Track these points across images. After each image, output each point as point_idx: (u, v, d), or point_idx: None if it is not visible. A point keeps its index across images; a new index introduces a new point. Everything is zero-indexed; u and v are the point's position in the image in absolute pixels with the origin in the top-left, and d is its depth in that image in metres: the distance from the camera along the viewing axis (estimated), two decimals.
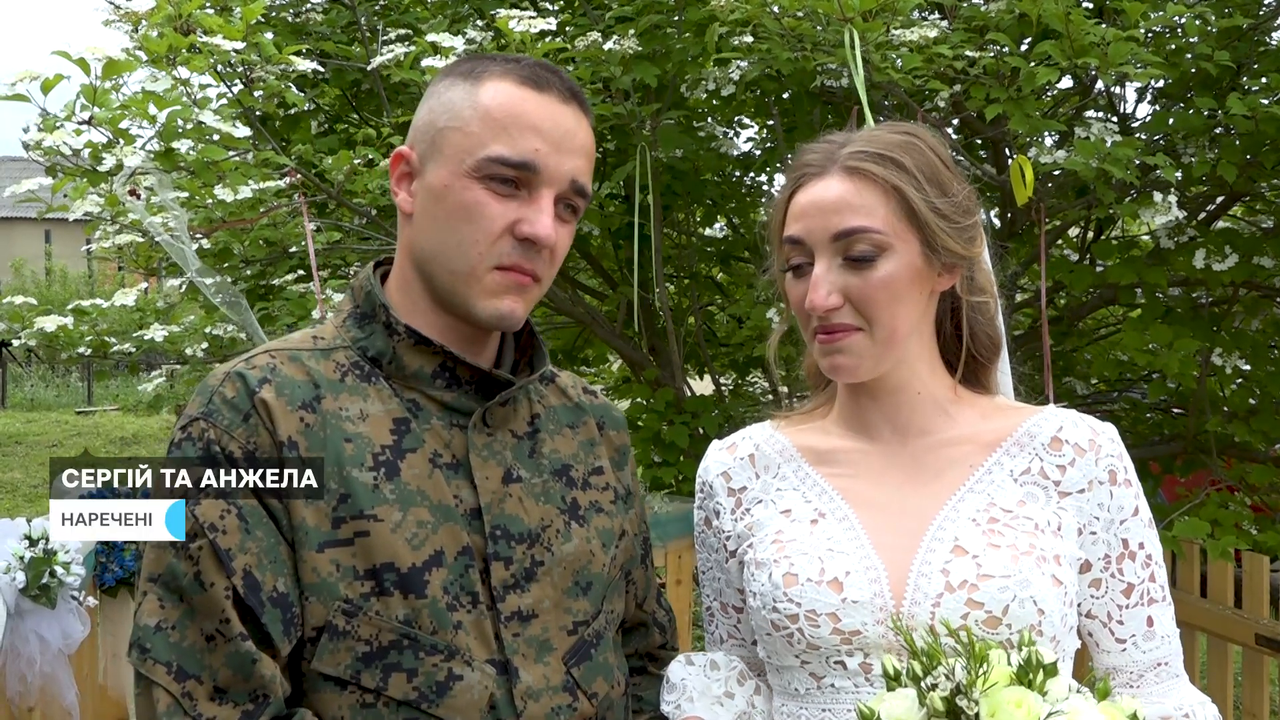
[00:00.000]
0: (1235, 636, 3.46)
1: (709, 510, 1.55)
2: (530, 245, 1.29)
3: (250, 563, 1.21)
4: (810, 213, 1.36)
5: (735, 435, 1.57)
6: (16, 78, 2.52)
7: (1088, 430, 1.42)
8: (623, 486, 1.51)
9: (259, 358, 1.31)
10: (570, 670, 1.34)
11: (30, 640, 2.98)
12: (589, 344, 5.38)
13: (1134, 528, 1.41)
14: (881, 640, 1.32)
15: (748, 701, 1.49)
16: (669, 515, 3.53)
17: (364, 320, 1.36)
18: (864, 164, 1.36)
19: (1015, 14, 3.07)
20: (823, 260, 1.35)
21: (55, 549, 2.96)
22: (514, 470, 1.36)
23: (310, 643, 1.23)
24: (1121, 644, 1.42)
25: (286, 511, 1.23)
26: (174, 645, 1.19)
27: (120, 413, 15.59)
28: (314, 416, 1.27)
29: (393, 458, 1.28)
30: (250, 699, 1.19)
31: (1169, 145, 3.53)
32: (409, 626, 1.24)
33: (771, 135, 4.33)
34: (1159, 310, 3.69)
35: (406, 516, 1.26)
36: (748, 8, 2.92)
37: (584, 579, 1.38)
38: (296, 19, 3.91)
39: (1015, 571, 1.30)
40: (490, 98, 1.30)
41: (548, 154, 1.29)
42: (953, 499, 1.39)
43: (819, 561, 1.35)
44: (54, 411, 15.83)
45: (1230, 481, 3.95)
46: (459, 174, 1.28)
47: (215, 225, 3.40)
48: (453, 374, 1.34)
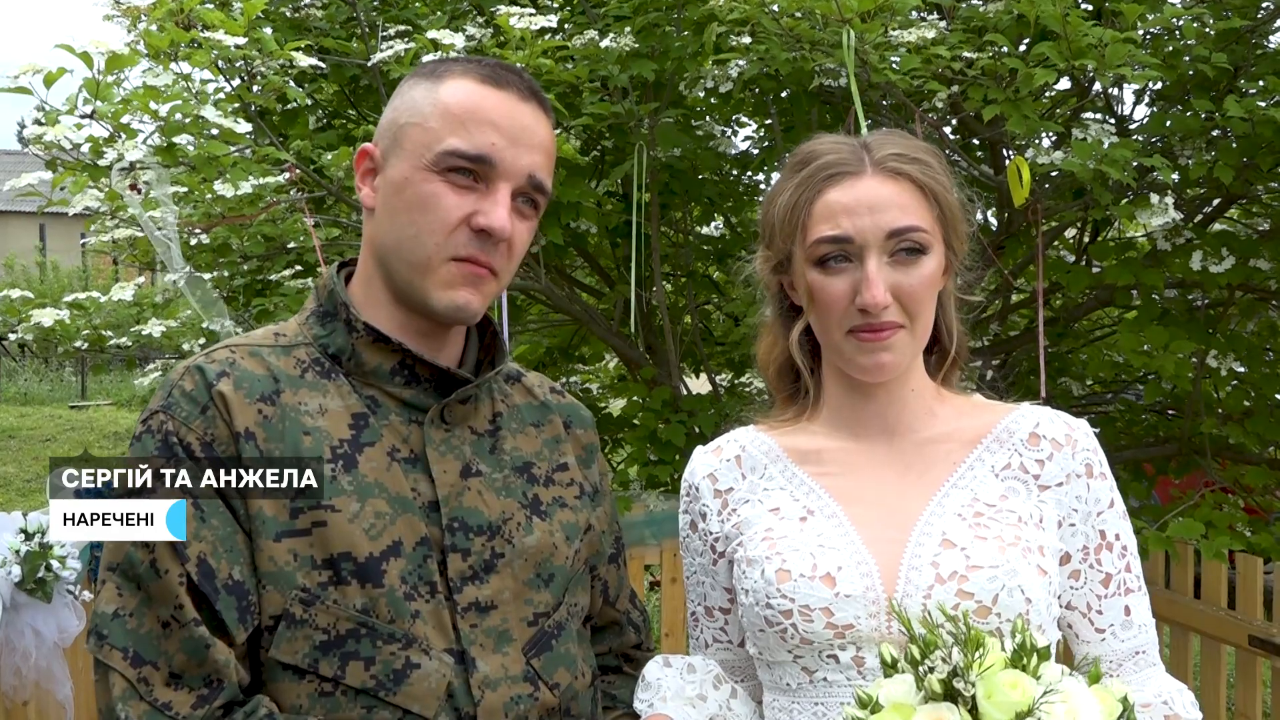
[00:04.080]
0: (1229, 638, 3.46)
1: (694, 514, 1.56)
2: (486, 237, 1.31)
3: (205, 550, 1.23)
4: (858, 210, 1.39)
5: (720, 439, 1.59)
6: (20, 71, 2.52)
7: (1063, 425, 1.46)
8: (589, 484, 1.52)
9: (219, 352, 1.34)
10: (530, 660, 1.36)
11: (25, 634, 2.98)
12: (585, 342, 5.37)
13: (1110, 519, 1.45)
14: (874, 633, 1.35)
15: (722, 705, 1.50)
16: (665, 513, 3.54)
17: (326, 318, 1.38)
18: (905, 166, 1.41)
19: (1013, 15, 3.08)
20: (873, 258, 1.38)
21: (51, 543, 2.97)
22: (473, 465, 1.37)
23: (268, 631, 1.25)
24: (1101, 633, 1.45)
25: (244, 502, 1.25)
26: (130, 632, 1.22)
27: (114, 407, 15.57)
28: (272, 409, 1.29)
29: (350, 450, 1.30)
30: (204, 684, 1.21)
31: (1166, 147, 3.54)
32: (366, 615, 1.26)
33: (769, 134, 4.33)
34: (1155, 312, 3.69)
35: (364, 507, 1.28)
36: (746, 8, 2.92)
37: (545, 571, 1.40)
38: (296, 14, 3.91)
39: (1003, 562, 1.33)
40: (450, 94, 1.33)
41: (504, 148, 1.32)
42: (938, 494, 1.42)
43: (811, 557, 1.38)
44: (48, 406, 15.79)
45: (1225, 483, 3.96)
46: (418, 167, 1.31)
47: (214, 221, 3.40)
48: (411, 371, 1.36)
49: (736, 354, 4.89)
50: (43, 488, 2.87)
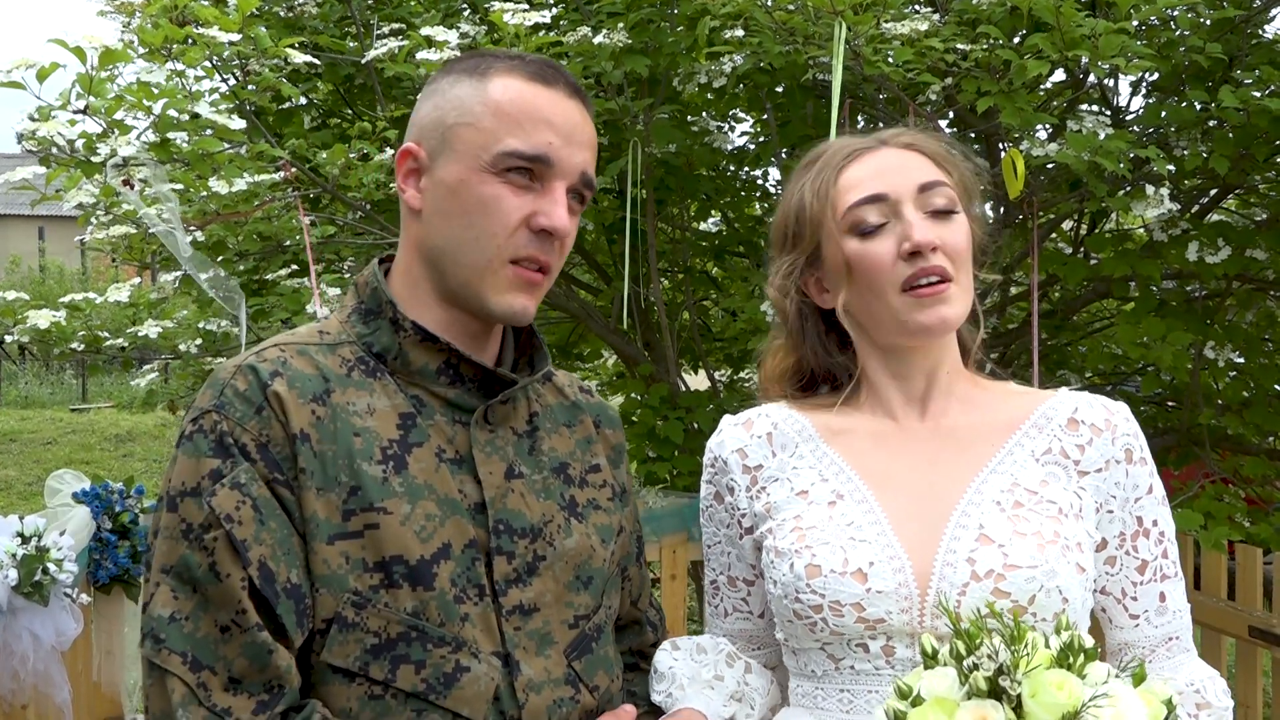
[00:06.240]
0: (1229, 629, 3.46)
1: (720, 486, 1.54)
2: (546, 236, 1.31)
3: (265, 554, 1.21)
4: (886, 171, 1.42)
5: (750, 412, 1.57)
6: (13, 65, 2.50)
7: (1103, 410, 1.44)
8: (618, 484, 1.52)
9: (269, 351, 1.32)
10: (572, 663, 1.35)
11: (23, 637, 2.97)
12: (583, 339, 5.37)
13: (1148, 505, 1.43)
14: (905, 626, 1.33)
15: (739, 682, 1.49)
16: (663, 510, 3.53)
17: (369, 316, 1.37)
18: (918, 141, 1.45)
19: (1007, 7, 3.08)
20: (909, 209, 1.39)
21: (48, 546, 2.95)
22: (515, 466, 1.37)
23: (319, 634, 1.24)
24: (1135, 620, 1.44)
25: (299, 503, 1.24)
26: (188, 636, 1.20)
27: (115, 410, 15.56)
28: (324, 409, 1.28)
29: (400, 451, 1.29)
30: (265, 689, 1.20)
31: (1161, 138, 3.54)
32: (417, 618, 1.25)
33: (765, 129, 4.33)
34: (1152, 303, 3.69)
35: (415, 509, 1.27)
36: (739, 1, 2.92)
37: (585, 574, 1.39)
38: (290, 13, 3.91)
39: (1042, 561, 1.31)
40: (501, 93, 1.32)
41: (560, 147, 1.31)
42: (976, 480, 1.40)
43: (841, 551, 1.35)
44: (48, 409, 15.78)
45: (1224, 474, 3.96)
46: (474, 169, 1.30)
47: (209, 218, 3.40)
48: (456, 371, 1.35)
49: (735, 349, 4.89)
50: (42, 491, 2.89)
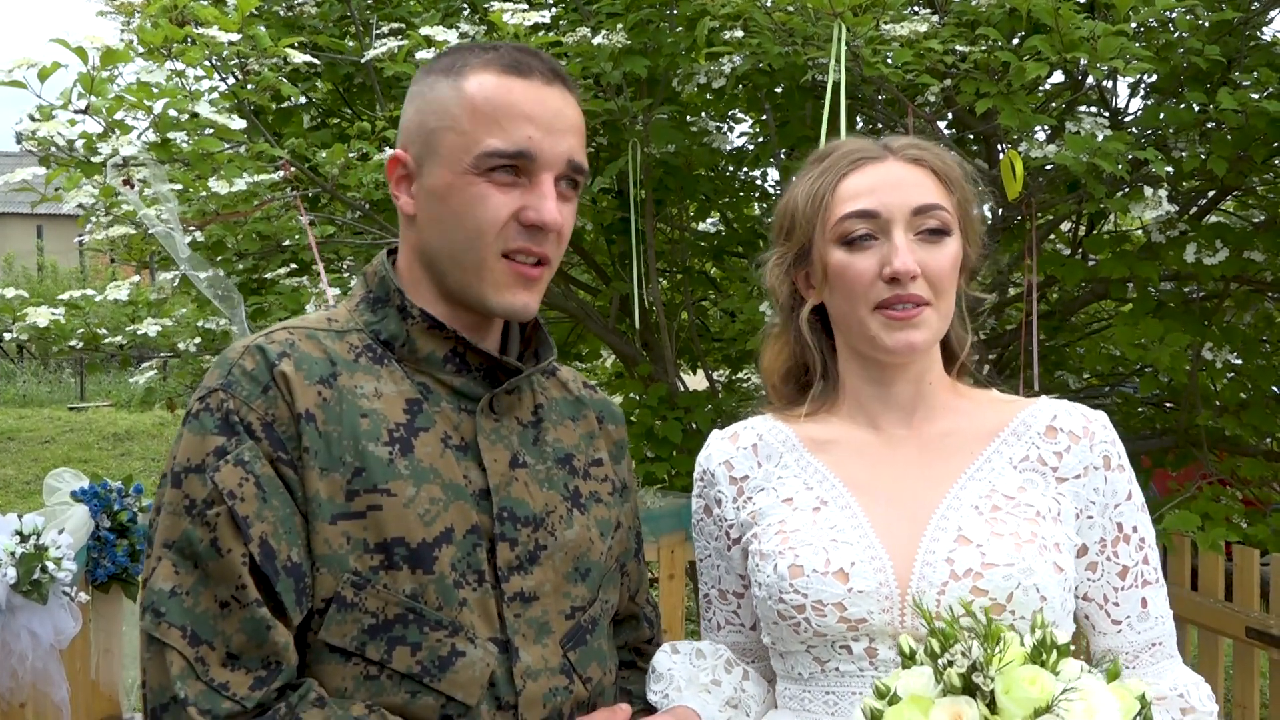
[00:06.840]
0: (1226, 629, 3.46)
1: (709, 499, 1.57)
2: (537, 230, 1.32)
3: (267, 531, 1.22)
4: (882, 188, 1.42)
5: (736, 425, 1.59)
6: (14, 64, 2.50)
7: (1081, 418, 1.46)
8: (619, 480, 1.53)
9: (277, 333, 1.34)
10: (567, 654, 1.36)
11: (22, 636, 2.97)
12: (582, 339, 5.38)
13: (1128, 511, 1.45)
14: (887, 627, 1.35)
15: (736, 688, 1.51)
16: (661, 510, 3.54)
17: (377, 304, 1.38)
18: (925, 156, 1.45)
19: (1005, 8, 3.08)
20: (899, 232, 1.40)
21: (47, 544, 2.96)
22: (520, 455, 1.38)
23: (318, 614, 1.25)
24: (1117, 625, 1.45)
25: (301, 483, 1.25)
26: (188, 610, 1.21)
27: (113, 408, 15.55)
28: (331, 391, 1.29)
29: (407, 435, 1.31)
30: (263, 665, 1.21)
31: (1160, 140, 3.54)
32: (415, 601, 1.26)
33: (764, 130, 4.34)
34: (1150, 305, 3.69)
35: (420, 492, 1.28)
36: (738, 2, 2.92)
37: (583, 565, 1.40)
38: (289, 13, 3.91)
39: (1019, 560, 1.33)
40: (476, 90, 1.32)
41: (541, 139, 1.31)
42: (955, 486, 1.42)
43: (824, 552, 1.38)
44: (46, 408, 15.77)
45: (1222, 475, 3.96)
46: (459, 172, 1.31)
47: (209, 218, 3.40)
48: (463, 359, 1.36)
49: (733, 350, 4.90)
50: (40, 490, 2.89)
